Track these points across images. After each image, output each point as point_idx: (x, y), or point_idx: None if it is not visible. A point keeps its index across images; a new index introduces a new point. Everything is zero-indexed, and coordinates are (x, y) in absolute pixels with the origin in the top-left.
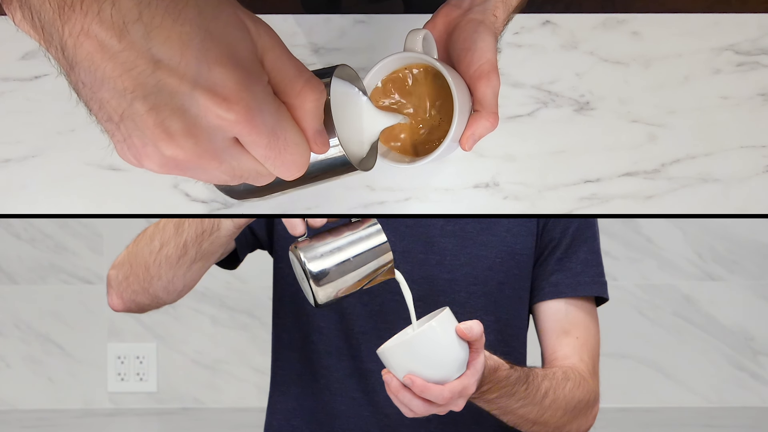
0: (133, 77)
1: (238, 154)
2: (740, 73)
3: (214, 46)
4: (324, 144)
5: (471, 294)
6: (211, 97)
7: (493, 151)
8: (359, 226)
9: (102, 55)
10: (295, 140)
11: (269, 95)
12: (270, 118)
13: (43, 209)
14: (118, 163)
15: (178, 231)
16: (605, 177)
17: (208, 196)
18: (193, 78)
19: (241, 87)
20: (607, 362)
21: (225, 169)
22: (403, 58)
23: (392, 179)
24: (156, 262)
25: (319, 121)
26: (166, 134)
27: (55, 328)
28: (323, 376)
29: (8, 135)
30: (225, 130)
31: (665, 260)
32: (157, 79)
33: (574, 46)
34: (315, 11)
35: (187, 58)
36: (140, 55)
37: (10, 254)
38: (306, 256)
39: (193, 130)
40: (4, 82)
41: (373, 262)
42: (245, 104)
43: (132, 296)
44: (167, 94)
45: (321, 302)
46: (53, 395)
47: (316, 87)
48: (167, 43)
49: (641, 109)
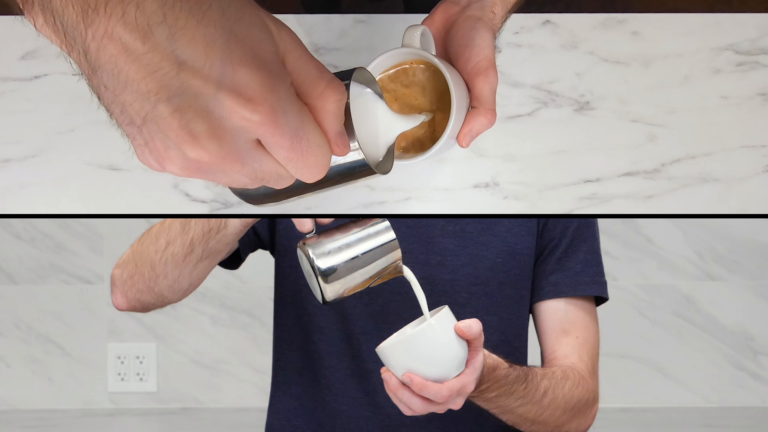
0: (157, 79)
1: (260, 156)
2: (740, 73)
3: (238, 47)
4: (345, 146)
5: (472, 294)
6: (236, 98)
7: (493, 151)
8: (368, 223)
9: (126, 57)
10: (317, 142)
11: (292, 96)
12: (293, 120)
13: (43, 209)
14: (118, 163)
15: (184, 229)
16: (605, 177)
17: (209, 196)
18: (217, 79)
19: (266, 88)
20: (607, 362)
21: (247, 172)
22: (401, 54)
23: (392, 179)
24: (162, 261)
25: (341, 123)
26: (190, 136)
27: (55, 328)
28: (324, 376)
29: (8, 135)
30: (249, 131)
31: (665, 260)
32: (182, 81)
33: (574, 46)
34: (315, 11)
35: (212, 59)
36: (164, 57)
37: (10, 254)
38: (314, 253)
39: (218, 131)
40: (4, 82)
41: (382, 260)
42: (270, 105)
43: (137, 295)
44: (192, 95)
45: (329, 299)
46: (53, 395)
47: (338, 88)
48: (191, 45)
49: (641, 109)
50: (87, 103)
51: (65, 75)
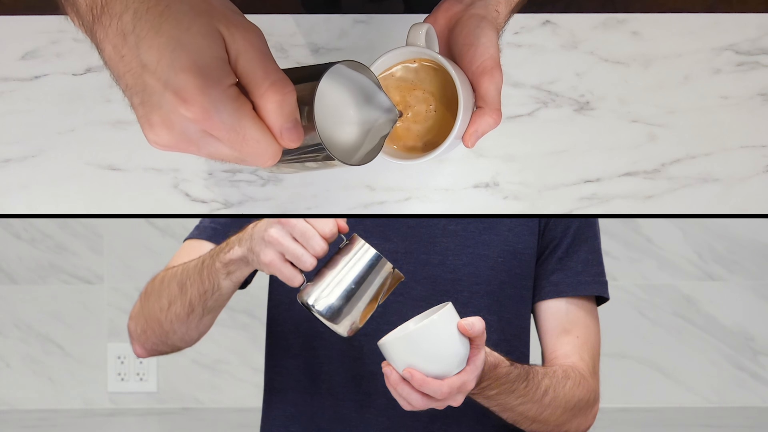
0: (130, 76)
1: (213, 142)
2: (740, 73)
3: (183, 55)
4: (293, 139)
5: (473, 293)
6: (175, 98)
7: (493, 151)
8: (350, 249)
9: (115, 57)
10: (254, 136)
11: (228, 97)
12: (228, 118)
13: (43, 209)
14: (118, 163)
15: (182, 290)
16: (605, 177)
17: (209, 196)
18: (164, 81)
19: (199, 91)
20: (607, 362)
21: (205, 153)
22: (406, 53)
23: (392, 179)
24: (167, 320)
25: (286, 118)
26: (149, 124)
27: (55, 328)
28: (325, 381)
29: (8, 135)
30: (191, 124)
31: (665, 260)
32: (144, 80)
33: (574, 46)
34: (315, 11)
35: (162, 64)
36: (134, 59)
37: (10, 254)
38: (311, 301)
39: (167, 122)
40: (4, 82)
41: (376, 279)
42: (200, 105)
43: (153, 346)
44: (149, 92)
45: (346, 335)
46: (53, 395)
47: (281, 89)
48: (150, 51)
49: (641, 109)
50: (87, 103)
51: (65, 75)
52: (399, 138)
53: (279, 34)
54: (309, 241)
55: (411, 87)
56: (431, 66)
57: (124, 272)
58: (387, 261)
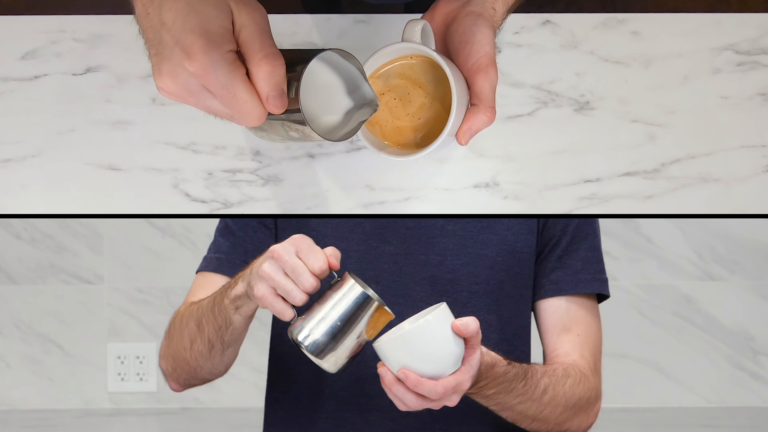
0: (151, 31)
1: (210, 97)
2: (740, 73)
3: (194, 19)
4: (278, 106)
5: (473, 293)
6: (182, 53)
7: (493, 151)
8: (339, 286)
9: (142, 13)
10: (244, 97)
11: (226, 60)
12: (223, 77)
13: (43, 209)
14: (117, 163)
15: (200, 329)
16: (605, 177)
17: (209, 196)
18: (176, 38)
19: (202, 51)
20: (607, 362)
21: (201, 106)
22: (401, 49)
23: (392, 179)
24: (193, 358)
25: (274, 87)
26: (159, 73)
27: (55, 328)
28: (329, 385)
29: (8, 135)
30: (192, 77)
31: (665, 260)
32: (160, 35)
33: (574, 46)
34: (315, 11)
35: (176, 24)
36: (156, 17)
37: (10, 254)
38: (300, 336)
39: (173, 73)
40: (4, 82)
41: (362, 316)
42: (201, 63)
43: (186, 381)
44: (162, 46)
45: (333, 371)
46: (53, 395)
47: (272, 61)
48: (169, 12)
49: (641, 109)
50: (87, 103)
51: (65, 75)
52: (394, 134)
53: (279, 34)
54: (299, 277)
55: (406, 83)
56: (427, 62)
57: (124, 272)
58: (375, 300)
